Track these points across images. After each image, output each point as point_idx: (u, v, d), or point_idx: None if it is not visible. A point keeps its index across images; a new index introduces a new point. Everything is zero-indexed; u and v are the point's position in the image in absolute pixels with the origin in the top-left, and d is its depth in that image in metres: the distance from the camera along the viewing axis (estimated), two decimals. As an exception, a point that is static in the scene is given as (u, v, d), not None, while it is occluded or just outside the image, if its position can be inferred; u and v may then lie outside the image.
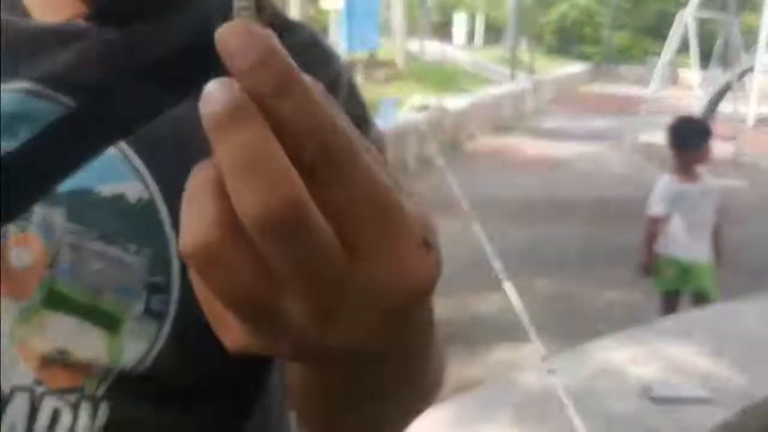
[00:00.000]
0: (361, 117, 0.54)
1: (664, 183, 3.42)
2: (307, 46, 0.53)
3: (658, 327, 2.68)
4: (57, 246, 0.44)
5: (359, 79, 11.24)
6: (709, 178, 3.55)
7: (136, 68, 0.49)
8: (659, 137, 12.10)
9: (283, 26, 0.53)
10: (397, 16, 13.86)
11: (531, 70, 18.87)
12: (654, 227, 3.37)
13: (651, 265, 3.42)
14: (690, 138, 3.39)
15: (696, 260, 3.43)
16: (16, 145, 0.45)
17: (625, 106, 15.82)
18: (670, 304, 3.57)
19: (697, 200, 3.39)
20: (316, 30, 0.65)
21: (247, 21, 0.22)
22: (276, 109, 0.21)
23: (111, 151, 0.46)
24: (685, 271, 3.43)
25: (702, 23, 12.40)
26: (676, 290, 3.54)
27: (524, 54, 20.47)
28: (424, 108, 9.42)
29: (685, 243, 3.40)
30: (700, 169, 3.47)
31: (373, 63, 11.96)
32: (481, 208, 6.20)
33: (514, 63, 17.68)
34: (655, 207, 3.38)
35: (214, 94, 0.21)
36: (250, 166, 0.20)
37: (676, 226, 3.37)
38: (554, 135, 12.57)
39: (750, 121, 13.64)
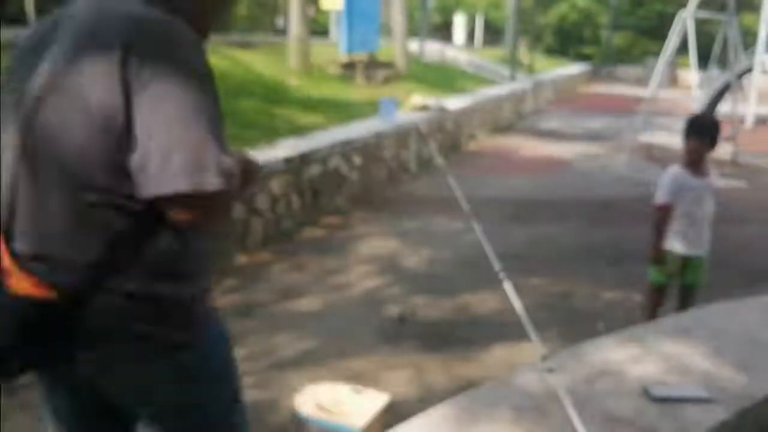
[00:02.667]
0: None
1: (672, 173, 3.46)
2: None
3: (658, 327, 2.67)
4: None
5: (360, 79, 11.24)
6: (714, 177, 3.59)
7: None
8: (658, 137, 12.10)
9: None
10: (397, 16, 13.85)
11: (531, 71, 18.88)
12: (661, 215, 3.39)
13: (662, 254, 3.43)
14: (705, 132, 3.44)
15: (695, 254, 3.48)
16: None
17: (625, 107, 15.82)
18: (659, 297, 3.61)
19: (702, 194, 3.44)
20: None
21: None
22: None
23: None
24: (684, 265, 3.47)
25: (701, 23, 12.40)
26: (666, 284, 3.60)
27: (524, 54, 20.47)
28: (424, 108, 9.41)
29: (688, 237, 3.45)
30: (708, 165, 3.53)
31: (373, 64, 11.95)
32: (481, 208, 6.20)
33: (513, 63, 17.67)
34: (662, 195, 3.41)
35: None
36: None
37: (680, 219, 3.41)
38: (554, 135, 12.57)
39: (749, 121, 13.64)
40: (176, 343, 1.25)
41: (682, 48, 11.10)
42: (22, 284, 1.14)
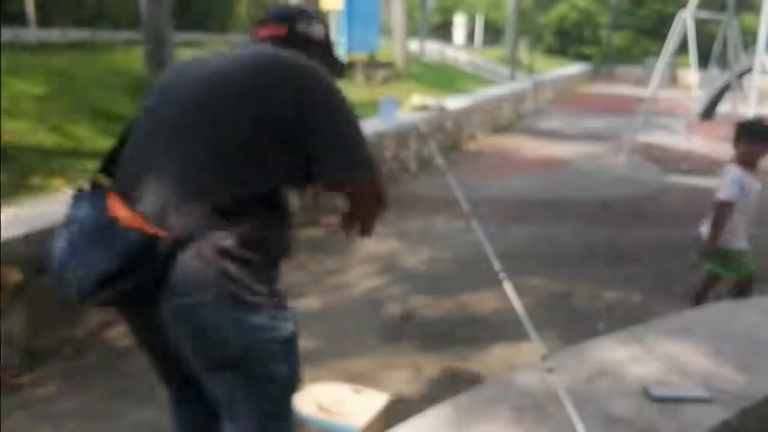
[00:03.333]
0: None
1: (737, 172, 3.52)
2: None
3: (658, 327, 2.67)
4: None
5: (359, 79, 11.25)
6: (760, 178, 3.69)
7: None
8: (658, 137, 12.06)
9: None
10: (397, 16, 13.85)
11: (531, 71, 18.88)
12: (725, 212, 3.46)
13: (717, 250, 3.52)
14: (757, 135, 3.54)
15: (746, 249, 3.61)
16: None
17: (624, 107, 15.81)
18: (713, 285, 3.77)
19: (755, 194, 3.55)
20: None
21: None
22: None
23: None
24: (737, 259, 3.59)
25: (701, 23, 12.40)
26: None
27: (524, 54, 20.48)
28: (424, 108, 9.41)
29: (741, 233, 3.56)
30: (758, 168, 3.63)
31: (373, 63, 11.96)
32: (481, 207, 6.19)
33: (513, 63, 17.67)
34: (728, 192, 3.47)
35: None
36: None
37: (739, 216, 3.51)
38: (554, 135, 12.57)
39: (749, 122, 13.62)
40: (249, 304, 1.48)
41: (682, 48, 11.09)
42: (133, 222, 1.42)
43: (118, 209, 1.45)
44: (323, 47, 1.78)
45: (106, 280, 1.39)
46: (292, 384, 1.62)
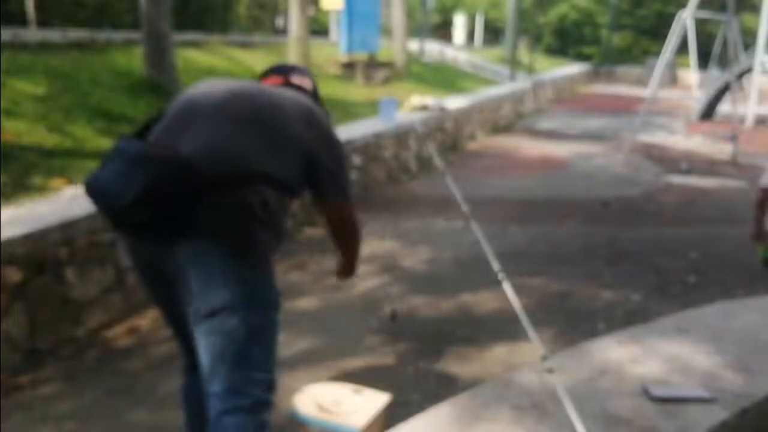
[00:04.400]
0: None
1: None
2: None
3: (658, 326, 2.67)
4: None
5: (359, 79, 11.25)
6: None
7: None
8: (658, 137, 12.06)
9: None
10: (397, 16, 13.86)
11: (531, 71, 18.88)
12: (765, 197, 3.60)
13: (763, 233, 3.69)
14: None
15: None
16: None
17: (624, 107, 15.83)
18: None
19: None
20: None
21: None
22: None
23: None
24: None
25: (701, 23, 12.40)
26: None
27: (524, 54, 20.48)
28: (424, 108, 9.41)
29: None
30: None
31: (373, 63, 11.96)
32: (481, 207, 6.19)
33: (513, 63, 17.67)
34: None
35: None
36: None
37: None
38: (553, 135, 12.58)
39: (749, 121, 13.64)
40: (257, 259, 1.78)
41: (682, 48, 11.10)
42: (172, 156, 1.69)
43: (159, 149, 1.73)
44: (312, 94, 2.17)
45: (145, 195, 1.62)
46: (274, 341, 1.83)
